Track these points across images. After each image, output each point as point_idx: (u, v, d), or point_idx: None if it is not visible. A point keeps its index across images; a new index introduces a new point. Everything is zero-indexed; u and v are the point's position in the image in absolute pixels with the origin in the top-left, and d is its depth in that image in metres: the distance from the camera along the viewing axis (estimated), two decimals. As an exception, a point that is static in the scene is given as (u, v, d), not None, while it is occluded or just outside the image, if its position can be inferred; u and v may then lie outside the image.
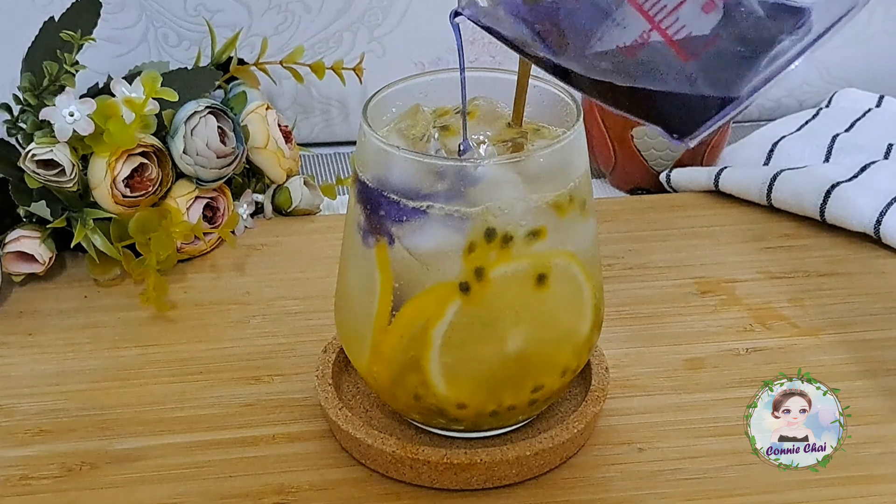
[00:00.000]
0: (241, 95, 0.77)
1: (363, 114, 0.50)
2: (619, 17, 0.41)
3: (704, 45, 0.40)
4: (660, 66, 0.41)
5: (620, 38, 0.41)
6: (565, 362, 0.52)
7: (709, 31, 0.40)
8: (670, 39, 0.40)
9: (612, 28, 0.41)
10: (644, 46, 0.41)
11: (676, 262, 0.71)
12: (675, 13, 0.40)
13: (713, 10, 0.40)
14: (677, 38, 0.40)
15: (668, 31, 0.40)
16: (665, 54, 0.41)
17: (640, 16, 0.40)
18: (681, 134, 0.42)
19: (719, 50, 0.40)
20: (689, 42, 0.40)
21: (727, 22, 0.40)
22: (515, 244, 0.48)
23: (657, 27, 0.40)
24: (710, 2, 0.40)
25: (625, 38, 0.41)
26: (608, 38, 0.41)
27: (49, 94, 0.69)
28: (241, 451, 0.56)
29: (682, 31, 0.40)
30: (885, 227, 0.71)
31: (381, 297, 0.50)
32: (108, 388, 0.61)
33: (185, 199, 0.71)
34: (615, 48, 0.41)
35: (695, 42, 0.40)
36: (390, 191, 0.48)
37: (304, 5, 0.86)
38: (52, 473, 0.55)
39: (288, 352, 0.63)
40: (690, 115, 0.42)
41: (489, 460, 0.52)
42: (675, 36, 0.40)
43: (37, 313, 0.67)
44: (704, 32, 0.40)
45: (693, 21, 0.40)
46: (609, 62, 0.42)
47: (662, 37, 0.40)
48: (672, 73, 0.41)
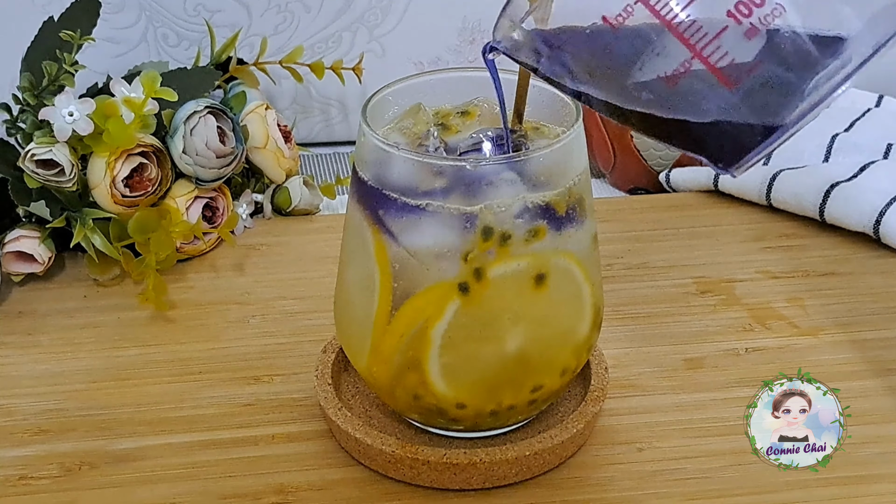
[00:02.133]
0: (240, 95, 0.77)
1: (362, 113, 0.50)
2: (659, 47, 0.40)
3: (748, 71, 0.39)
4: (703, 95, 0.40)
5: (662, 68, 0.40)
6: (565, 362, 0.52)
7: (752, 58, 0.39)
8: (713, 67, 0.40)
9: (653, 57, 0.40)
10: (686, 75, 0.40)
11: (676, 262, 0.71)
12: (717, 40, 0.39)
13: (756, 35, 0.39)
14: (720, 66, 0.40)
15: (711, 59, 0.40)
16: (708, 82, 0.40)
17: (682, 44, 0.40)
18: (726, 163, 0.42)
19: (763, 76, 0.39)
20: (732, 69, 0.40)
21: (770, 48, 0.39)
22: (514, 243, 0.48)
23: (699, 55, 0.40)
24: (752, 28, 0.39)
25: (666, 67, 0.40)
26: (649, 69, 0.41)
27: (48, 94, 0.69)
28: (240, 451, 0.56)
29: (725, 59, 0.39)
30: (884, 227, 0.71)
31: (380, 297, 0.50)
32: (108, 388, 0.61)
33: (185, 199, 0.71)
34: (656, 78, 0.41)
35: (738, 69, 0.40)
36: (390, 189, 0.48)
37: (303, 5, 0.86)
38: (51, 473, 0.55)
39: (287, 352, 0.63)
40: (735, 144, 0.41)
41: (489, 460, 0.52)
42: (717, 63, 0.39)
43: (36, 313, 0.67)
44: (747, 59, 0.39)
45: (735, 48, 0.39)
46: (650, 92, 0.41)
47: (704, 65, 0.40)
48: (715, 102, 0.40)
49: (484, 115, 0.53)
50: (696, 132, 0.41)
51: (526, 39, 0.44)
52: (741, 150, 0.41)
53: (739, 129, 0.41)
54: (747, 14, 0.39)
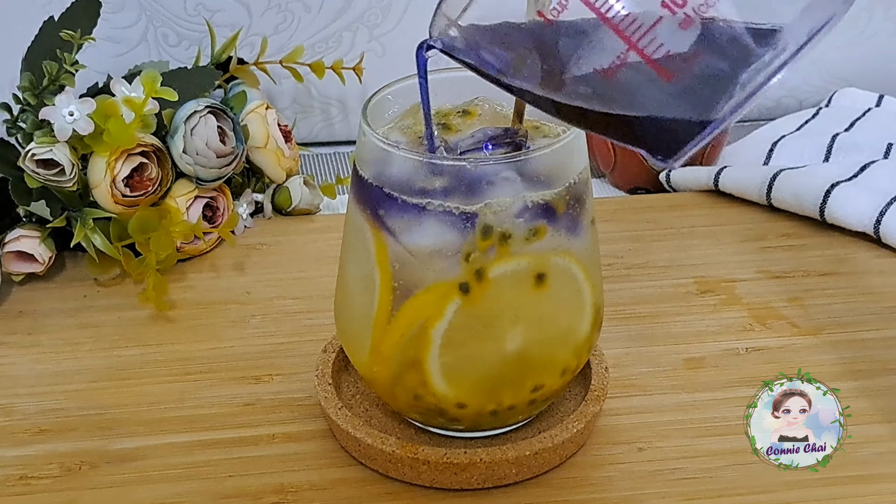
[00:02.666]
0: (240, 95, 0.77)
1: (363, 113, 0.50)
2: (595, 40, 0.40)
3: (683, 62, 0.39)
4: (640, 88, 0.40)
5: (598, 61, 0.40)
6: (565, 362, 0.52)
7: (687, 49, 0.39)
8: (649, 59, 0.40)
9: (589, 51, 0.40)
10: (623, 68, 0.40)
11: (676, 262, 0.71)
12: (652, 32, 0.39)
13: (690, 26, 0.39)
14: (656, 58, 0.40)
15: (646, 51, 0.39)
16: (644, 74, 0.40)
17: (617, 36, 0.40)
18: (664, 155, 0.42)
19: (699, 67, 0.39)
20: (667, 60, 0.39)
21: (705, 39, 0.39)
22: (514, 242, 0.48)
23: (634, 47, 0.39)
24: (687, 18, 0.39)
25: (603, 60, 0.40)
26: (586, 62, 0.41)
27: (49, 94, 0.69)
28: (240, 451, 0.56)
29: (661, 50, 0.39)
30: (884, 227, 0.71)
31: (380, 297, 0.50)
32: (108, 388, 0.61)
33: (185, 199, 0.71)
34: (593, 71, 0.41)
35: (674, 60, 0.39)
36: (390, 189, 0.48)
37: (303, 5, 0.86)
38: (51, 473, 0.55)
39: (288, 351, 0.63)
40: (673, 135, 0.41)
41: (489, 460, 0.52)
42: (653, 55, 0.39)
43: (36, 313, 0.67)
44: (683, 50, 0.39)
45: (670, 39, 0.39)
46: (588, 86, 0.41)
47: (640, 56, 0.40)
48: (652, 94, 0.40)
49: (485, 114, 0.53)
50: (633, 125, 0.41)
51: (462, 36, 0.43)
52: (679, 141, 0.41)
53: (677, 121, 0.40)
54: (681, 4, 0.39)
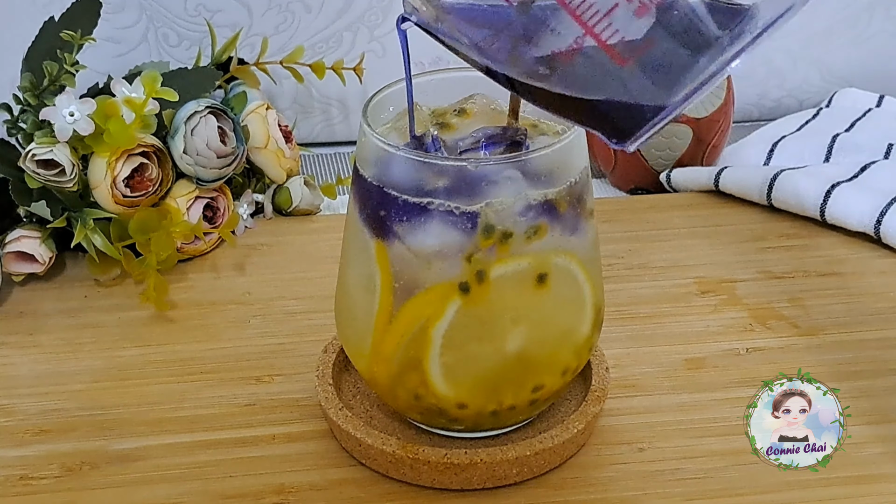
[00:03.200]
0: (241, 95, 0.77)
1: (363, 114, 0.50)
2: (553, 23, 0.41)
3: (638, 49, 0.40)
4: (595, 72, 0.41)
5: (556, 44, 0.41)
6: (565, 362, 0.52)
7: (642, 35, 0.40)
8: (604, 44, 0.40)
9: (548, 34, 0.41)
10: (579, 52, 0.41)
11: (676, 262, 0.71)
12: (608, 17, 0.40)
13: (646, 13, 0.40)
14: (611, 43, 0.40)
15: (602, 36, 0.40)
16: (600, 59, 0.40)
17: (574, 21, 0.40)
18: (619, 138, 0.42)
19: (653, 53, 0.40)
20: (623, 46, 0.40)
21: (661, 25, 0.40)
22: (515, 242, 0.48)
23: (591, 32, 0.40)
24: (641, 6, 0.40)
25: (560, 43, 0.41)
26: (544, 44, 0.41)
27: (49, 94, 0.69)
28: (241, 451, 0.56)
29: (616, 36, 0.40)
30: (885, 227, 0.71)
31: (381, 297, 0.50)
32: (108, 388, 0.61)
33: (186, 199, 0.71)
34: (551, 53, 0.41)
35: (629, 46, 0.40)
36: (391, 189, 0.48)
37: (304, 5, 0.86)
38: (52, 473, 0.55)
39: (288, 352, 0.63)
40: (628, 120, 0.41)
41: (489, 460, 0.52)
42: (608, 40, 0.40)
43: (37, 313, 0.67)
44: (638, 36, 0.40)
45: (626, 25, 0.40)
46: (546, 68, 0.42)
47: (596, 41, 0.40)
48: (608, 78, 0.41)
49: (481, 112, 0.53)
50: (590, 108, 0.42)
51: (433, 12, 0.44)
52: (634, 124, 0.41)
53: (631, 105, 0.41)
54: None
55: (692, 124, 0.80)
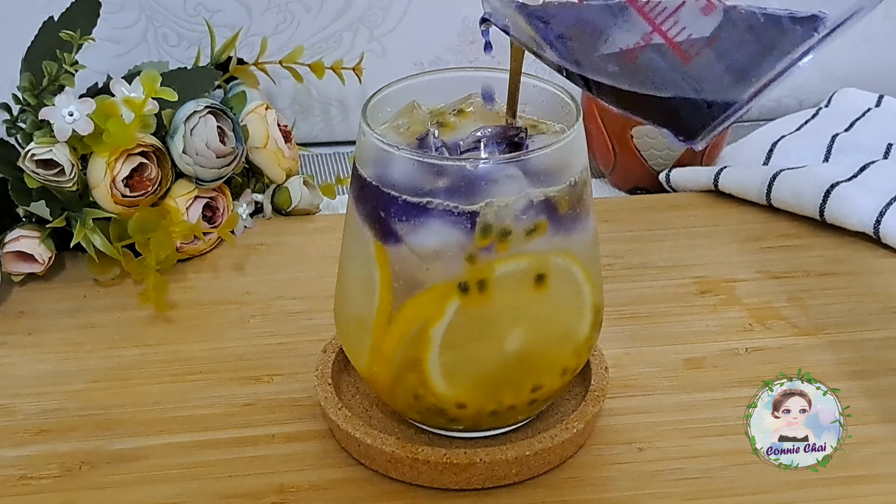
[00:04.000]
0: (240, 95, 0.77)
1: (363, 113, 0.50)
2: (622, 21, 0.41)
3: (705, 46, 0.41)
4: (662, 69, 0.41)
5: (624, 41, 0.42)
6: (565, 362, 0.52)
7: (709, 34, 0.40)
8: (671, 41, 0.41)
9: (616, 31, 0.42)
10: (646, 49, 0.41)
11: (676, 262, 0.71)
12: (675, 15, 0.40)
13: (712, 11, 0.40)
14: (678, 40, 0.41)
15: (669, 34, 0.41)
16: (667, 56, 0.41)
17: (642, 18, 0.41)
18: (686, 136, 0.43)
19: (720, 52, 0.41)
20: (689, 44, 0.41)
21: (727, 24, 0.40)
22: (515, 242, 0.48)
23: (658, 29, 0.41)
24: (708, 4, 0.40)
25: (628, 40, 0.41)
26: (613, 42, 0.42)
27: (48, 94, 0.69)
28: (240, 451, 0.56)
29: (683, 33, 0.41)
30: (884, 227, 0.71)
31: (380, 297, 0.50)
32: (108, 388, 0.61)
33: (185, 199, 0.71)
34: (619, 51, 0.42)
35: (695, 44, 0.41)
36: (390, 188, 0.48)
37: (303, 5, 0.86)
38: (51, 473, 0.55)
39: (288, 352, 0.63)
40: (694, 117, 0.42)
41: (489, 460, 0.52)
42: (675, 38, 0.41)
43: (36, 313, 0.67)
44: (704, 34, 0.40)
45: (693, 23, 0.40)
46: (615, 65, 0.42)
47: (663, 39, 0.41)
48: (674, 76, 0.41)
49: (479, 112, 0.53)
50: (658, 105, 0.42)
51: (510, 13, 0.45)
52: (701, 123, 0.42)
53: (699, 104, 0.42)
54: None
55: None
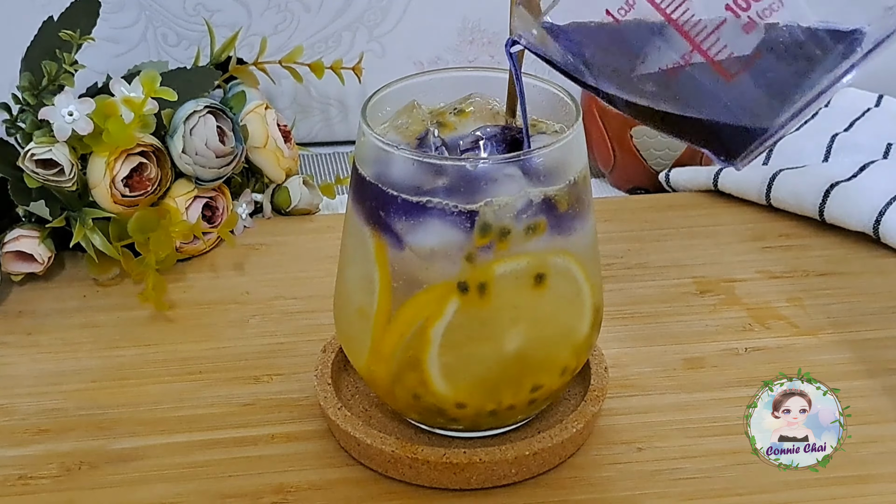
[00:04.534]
0: (240, 95, 0.77)
1: (362, 113, 0.50)
2: (660, 40, 0.41)
3: (746, 64, 0.40)
4: (703, 88, 0.41)
5: (663, 61, 0.41)
6: (564, 362, 0.52)
7: (750, 52, 0.40)
8: (712, 59, 0.40)
9: (655, 51, 0.41)
10: (686, 68, 0.41)
11: (676, 262, 0.71)
12: (717, 33, 0.40)
13: (754, 29, 0.40)
14: (719, 59, 0.40)
15: (710, 52, 0.40)
16: (707, 75, 0.41)
17: (681, 37, 0.40)
18: (729, 156, 0.42)
19: (762, 69, 0.40)
20: (730, 62, 0.40)
21: (769, 42, 0.40)
22: (515, 241, 0.48)
23: (698, 48, 0.40)
24: (750, 22, 0.40)
25: (667, 60, 0.41)
26: (651, 62, 0.41)
27: (48, 94, 0.69)
28: (239, 451, 0.56)
29: (724, 52, 0.40)
30: (884, 227, 0.71)
31: (380, 297, 0.50)
32: (108, 388, 0.61)
33: (185, 199, 0.71)
34: (658, 70, 0.41)
35: (737, 62, 0.40)
36: (390, 188, 0.48)
37: (303, 5, 0.86)
38: (51, 473, 0.55)
39: (287, 351, 0.63)
40: (737, 136, 0.41)
41: (488, 460, 0.52)
42: (716, 56, 0.40)
43: (36, 313, 0.67)
44: (746, 52, 0.40)
45: (734, 41, 0.40)
46: (654, 85, 0.42)
47: (704, 57, 0.40)
48: (715, 94, 0.41)
49: (478, 111, 0.53)
50: (698, 125, 0.42)
51: (543, 34, 0.44)
52: (744, 142, 0.41)
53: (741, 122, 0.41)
54: (745, 8, 0.39)
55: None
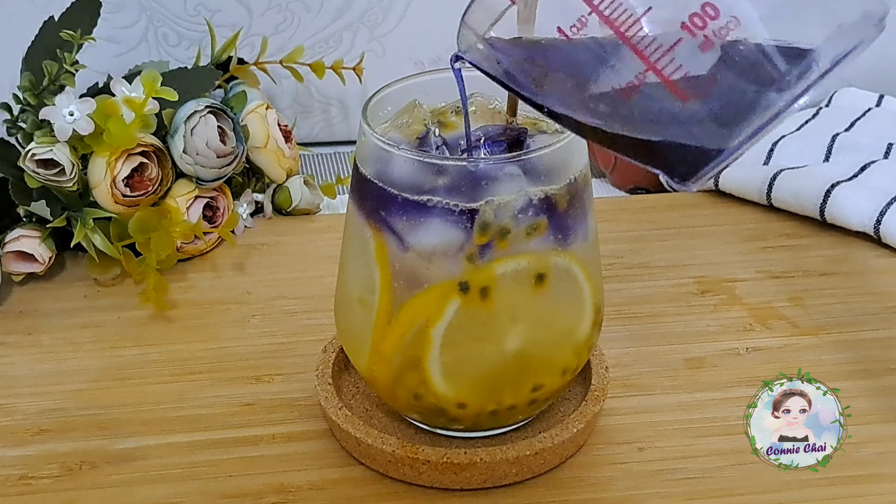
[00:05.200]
0: (240, 95, 0.77)
1: (363, 113, 0.50)
2: (614, 59, 0.40)
3: (702, 85, 0.39)
4: (656, 110, 0.40)
5: (617, 80, 0.40)
6: (565, 362, 0.52)
7: (706, 71, 0.39)
8: (667, 80, 0.39)
9: (608, 70, 0.40)
10: (640, 87, 0.40)
11: (676, 262, 0.71)
12: (672, 52, 0.39)
13: (710, 48, 0.39)
14: (674, 78, 0.39)
15: (665, 72, 0.39)
16: (661, 97, 0.40)
17: (636, 56, 0.39)
18: (682, 177, 0.41)
19: (719, 90, 0.39)
20: (686, 82, 0.39)
21: (725, 61, 0.39)
22: (515, 240, 0.48)
23: (653, 67, 0.39)
24: (706, 41, 0.39)
25: (621, 79, 0.40)
26: (604, 81, 0.40)
27: (49, 94, 0.69)
28: (240, 451, 0.56)
29: (679, 71, 0.39)
30: (884, 227, 0.71)
31: (380, 297, 0.50)
32: (108, 388, 0.61)
33: (185, 199, 0.71)
34: (612, 90, 0.40)
35: (692, 82, 0.39)
36: (391, 187, 0.48)
37: (303, 5, 0.86)
38: (51, 473, 0.55)
39: (288, 351, 0.63)
40: (692, 157, 0.40)
41: (489, 460, 0.52)
42: (671, 76, 0.39)
43: (37, 313, 0.67)
44: (702, 72, 0.39)
45: (689, 60, 0.39)
46: (607, 106, 0.41)
47: (659, 77, 0.39)
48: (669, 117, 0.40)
49: (479, 111, 0.53)
50: (652, 146, 0.41)
51: (488, 51, 0.43)
52: (699, 163, 0.40)
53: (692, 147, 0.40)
54: (702, 27, 0.38)
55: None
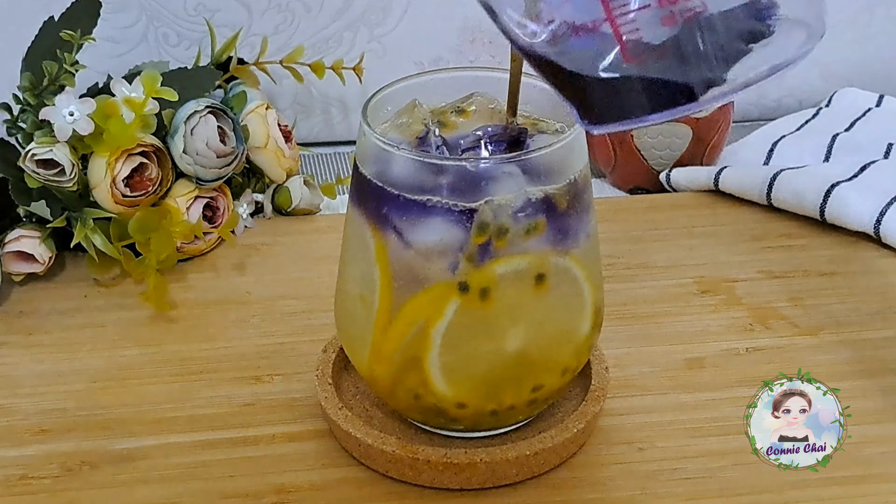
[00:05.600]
0: (240, 95, 0.77)
1: (363, 113, 0.50)
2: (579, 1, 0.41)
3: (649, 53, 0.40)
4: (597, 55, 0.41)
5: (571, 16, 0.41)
6: (565, 362, 0.52)
7: (658, 43, 0.40)
8: (619, 36, 0.40)
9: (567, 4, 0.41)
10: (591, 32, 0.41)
11: (676, 262, 0.71)
12: (634, 14, 0.40)
13: (671, 24, 0.40)
14: (626, 38, 0.40)
15: (621, 29, 0.40)
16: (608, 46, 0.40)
17: (600, 4, 0.40)
18: (590, 121, 0.42)
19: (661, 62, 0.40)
20: (636, 45, 0.40)
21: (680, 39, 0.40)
22: (515, 240, 0.48)
23: (612, 20, 0.40)
24: (671, 15, 0.40)
25: (576, 17, 0.41)
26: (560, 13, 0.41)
27: (49, 94, 0.69)
28: (241, 451, 0.56)
29: (634, 34, 0.40)
30: (884, 227, 0.71)
31: (380, 297, 0.50)
32: (108, 388, 0.61)
33: (185, 199, 0.71)
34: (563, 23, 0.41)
35: (641, 48, 0.40)
36: (391, 187, 0.48)
37: (304, 5, 0.86)
38: (51, 473, 0.55)
39: (288, 351, 0.63)
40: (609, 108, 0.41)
41: (489, 460, 0.52)
42: (625, 35, 0.40)
43: (37, 313, 0.67)
44: (654, 42, 0.40)
45: (648, 28, 0.40)
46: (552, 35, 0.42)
47: (613, 31, 0.40)
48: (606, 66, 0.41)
49: (480, 111, 0.53)
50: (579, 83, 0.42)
51: None
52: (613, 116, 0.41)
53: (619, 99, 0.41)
54: (673, 1, 0.40)
55: (692, 124, 0.80)
